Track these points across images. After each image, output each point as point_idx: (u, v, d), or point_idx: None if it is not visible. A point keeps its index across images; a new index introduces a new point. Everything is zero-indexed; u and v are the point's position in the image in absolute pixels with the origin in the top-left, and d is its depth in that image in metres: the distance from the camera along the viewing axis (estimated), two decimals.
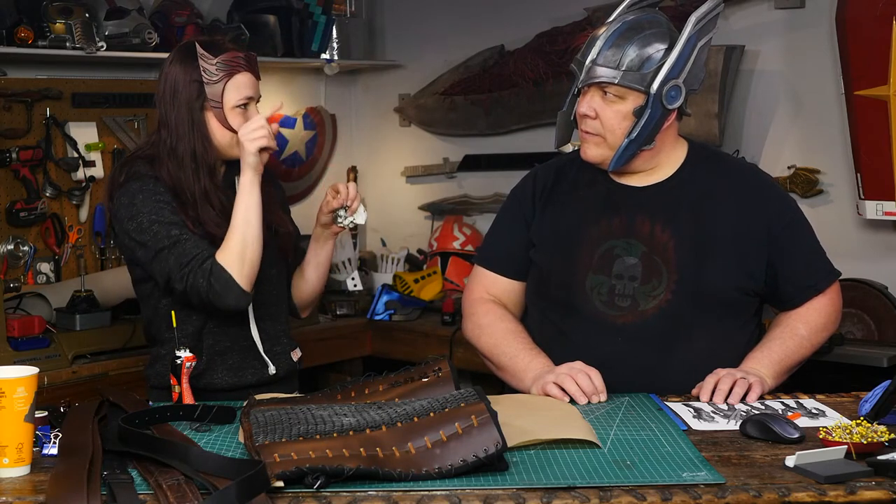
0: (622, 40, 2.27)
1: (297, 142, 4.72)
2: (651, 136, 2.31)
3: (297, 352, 2.70)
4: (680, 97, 2.29)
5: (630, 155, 2.32)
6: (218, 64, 2.46)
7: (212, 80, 2.46)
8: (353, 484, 1.69)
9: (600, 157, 2.35)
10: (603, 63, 2.27)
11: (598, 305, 2.35)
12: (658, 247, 2.33)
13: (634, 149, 2.31)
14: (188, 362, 2.23)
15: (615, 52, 2.27)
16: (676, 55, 2.26)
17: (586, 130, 2.34)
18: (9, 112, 3.79)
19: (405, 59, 4.89)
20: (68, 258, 3.95)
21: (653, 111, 2.27)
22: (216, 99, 2.47)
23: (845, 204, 3.70)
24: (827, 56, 3.69)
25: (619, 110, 2.29)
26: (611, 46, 2.27)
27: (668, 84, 2.26)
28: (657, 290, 2.32)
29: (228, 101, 2.47)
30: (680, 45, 2.26)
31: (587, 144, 2.36)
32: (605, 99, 2.29)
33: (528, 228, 2.47)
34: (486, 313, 2.48)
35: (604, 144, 2.33)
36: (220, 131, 2.49)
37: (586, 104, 2.32)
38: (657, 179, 2.40)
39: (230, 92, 2.47)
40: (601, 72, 2.27)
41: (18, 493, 1.70)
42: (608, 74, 2.27)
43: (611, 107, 2.29)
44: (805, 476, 1.74)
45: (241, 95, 2.48)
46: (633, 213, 2.37)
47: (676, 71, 2.27)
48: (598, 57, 2.28)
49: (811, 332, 2.39)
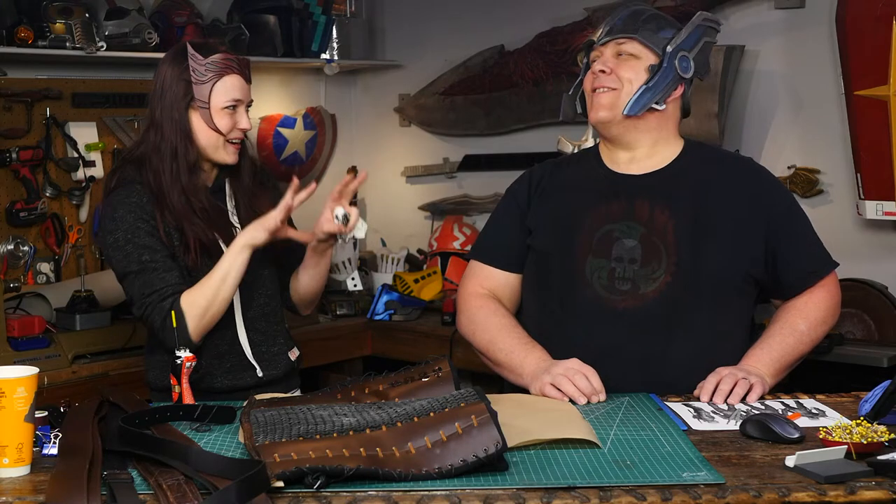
0: (636, 15, 2.40)
1: (297, 142, 4.72)
2: (664, 94, 2.37)
3: (294, 351, 2.70)
4: (690, 69, 2.39)
5: (643, 104, 2.35)
6: (207, 65, 2.46)
7: (200, 80, 2.47)
8: (353, 484, 1.69)
9: (611, 113, 2.38)
10: (622, 25, 2.38)
11: (598, 290, 2.35)
12: (658, 228, 2.34)
13: (648, 97, 2.35)
14: (188, 362, 2.23)
15: (632, 21, 2.39)
16: (688, 32, 2.39)
17: (601, 85, 2.38)
18: (9, 112, 3.79)
19: (405, 59, 4.89)
20: (68, 258, 3.95)
21: (667, 69, 2.36)
22: (203, 99, 2.48)
23: (845, 204, 3.70)
24: (827, 56, 3.69)
25: (636, 65, 2.37)
26: (628, 17, 2.39)
27: (680, 52, 2.36)
28: (657, 273, 2.32)
29: (216, 102, 2.48)
30: (690, 27, 2.40)
31: (599, 100, 2.38)
32: (619, 58, 2.38)
33: (524, 219, 2.49)
34: (480, 308, 2.48)
35: (616, 101, 2.37)
36: (205, 132, 2.50)
37: (602, 61, 2.39)
38: (657, 167, 2.42)
39: (218, 93, 2.48)
40: (622, 28, 2.38)
41: (18, 493, 1.70)
42: (629, 30, 2.37)
43: (626, 63, 2.37)
44: (805, 476, 1.74)
45: (229, 97, 2.49)
46: (631, 197, 2.38)
47: (688, 45, 2.38)
48: (616, 21, 2.39)
49: (810, 327, 2.40)
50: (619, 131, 2.39)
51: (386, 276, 4.60)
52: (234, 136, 2.53)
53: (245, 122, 2.53)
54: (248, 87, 2.55)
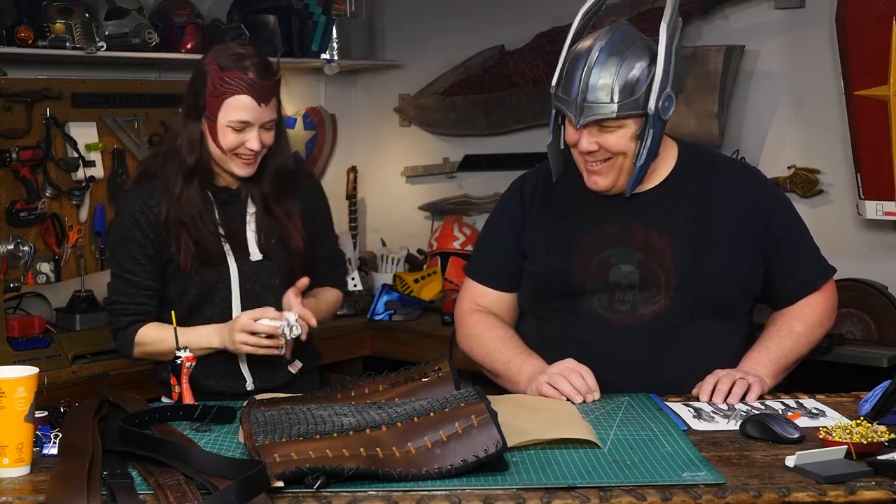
0: (606, 71, 2.23)
1: (297, 142, 4.72)
2: (656, 149, 2.30)
3: (296, 364, 2.64)
4: (673, 105, 2.27)
5: (643, 173, 2.31)
6: (223, 79, 2.41)
7: (213, 92, 2.42)
8: (353, 484, 1.69)
9: (610, 183, 2.33)
10: (594, 100, 2.23)
11: (597, 309, 2.35)
12: (655, 254, 2.33)
13: (646, 167, 2.30)
14: (188, 362, 2.23)
15: (603, 85, 2.23)
16: (662, 69, 2.23)
17: (594, 164, 2.31)
18: (9, 112, 3.79)
19: (405, 59, 4.89)
20: (68, 258, 3.95)
21: (655, 129, 2.25)
22: (212, 112, 2.43)
23: (845, 204, 3.70)
24: (827, 56, 3.69)
25: (622, 135, 2.26)
26: (598, 79, 2.23)
27: (661, 97, 2.24)
28: (657, 297, 2.32)
29: (222, 118, 2.43)
30: (662, 58, 2.23)
31: (596, 175, 2.32)
32: (602, 130, 2.26)
33: (520, 240, 2.46)
34: (476, 323, 2.48)
35: (612, 169, 2.30)
36: (210, 142, 2.46)
37: (586, 141, 2.28)
38: (650, 185, 2.38)
39: (224, 110, 2.42)
40: (597, 109, 2.23)
41: (18, 493, 1.70)
42: (605, 110, 2.23)
43: (612, 134, 2.27)
44: (805, 476, 1.74)
45: (233, 118, 2.41)
46: (627, 220, 2.36)
47: (665, 82, 2.24)
48: (588, 93, 2.23)
49: (808, 330, 2.40)
50: (630, 192, 2.35)
51: (386, 276, 4.60)
52: (242, 153, 2.46)
53: (254, 144, 2.43)
54: (266, 107, 2.43)
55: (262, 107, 2.43)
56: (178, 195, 2.47)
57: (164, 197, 2.48)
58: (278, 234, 2.54)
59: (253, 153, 2.46)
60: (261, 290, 2.54)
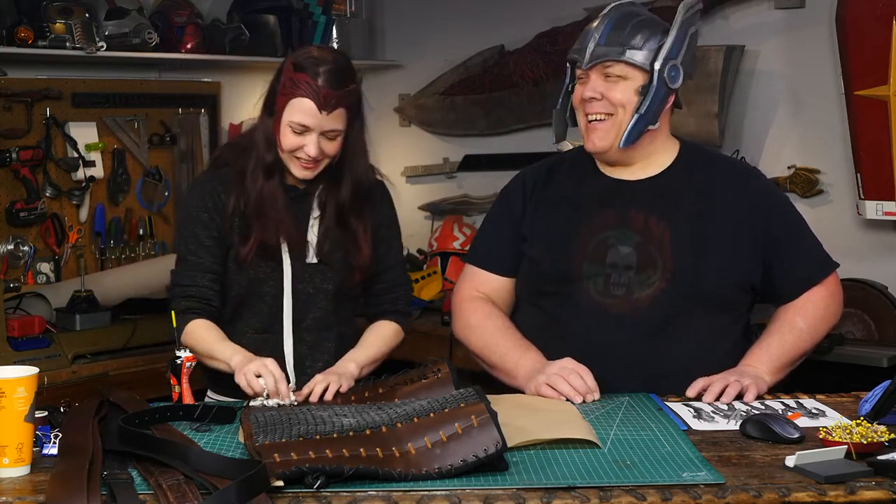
0: (620, 25, 2.33)
1: None
2: (656, 114, 2.33)
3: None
4: (679, 77, 2.33)
5: (639, 132, 2.33)
6: (292, 80, 2.41)
7: (282, 90, 2.42)
8: (353, 484, 1.69)
9: (608, 143, 2.35)
10: (606, 44, 2.32)
11: (593, 294, 2.35)
12: (654, 238, 2.34)
13: (643, 125, 2.32)
14: (188, 362, 2.24)
15: (616, 35, 2.32)
16: (673, 37, 2.32)
17: (593, 113, 2.34)
18: (9, 112, 3.79)
19: (405, 59, 4.89)
20: (68, 258, 3.95)
21: (657, 88, 2.30)
22: (279, 109, 2.43)
23: (845, 204, 3.70)
24: (827, 56, 3.69)
25: (625, 87, 2.32)
26: (611, 30, 2.32)
27: (668, 63, 2.30)
28: (652, 279, 2.32)
29: (284, 117, 2.42)
30: (675, 29, 2.32)
31: (594, 133, 2.35)
32: (607, 80, 2.32)
33: (520, 226, 2.47)
34: (475, 311, 2.48)
35: (611, 129, 2.33)
36: (276, 139, 2.46)
37: (590, 88, 2.33)
38: (650, 174, 2.40)
39: (288, 110, 2.41)
40: (606, 51, 2.31)
41: (18, 493, 1.70)
42: (614, 52, 2.31)
43: (615, 85, 2.32)
44: (805, 476, 1.74)
45: (294, 119, 2.40)
46: (626, 205, 2.37)
47: (675, 52, 2.32)
48: (600, 39, 2.32)
49: (810, 325, 2.39)
50: (616, 157, 2.38)
51: None
52: (300, 155, 2.44)
53: (312, 149, 2.40)
54: (329, 116, 2.39)
55: (324, 114, 2.40)
56: (259, 189, 2.46)
57: (236, 187, 2.48)
58: (344, 246, 2.53)
59: (311, 158, 2.43)
60: (312, 294, 2.52)
